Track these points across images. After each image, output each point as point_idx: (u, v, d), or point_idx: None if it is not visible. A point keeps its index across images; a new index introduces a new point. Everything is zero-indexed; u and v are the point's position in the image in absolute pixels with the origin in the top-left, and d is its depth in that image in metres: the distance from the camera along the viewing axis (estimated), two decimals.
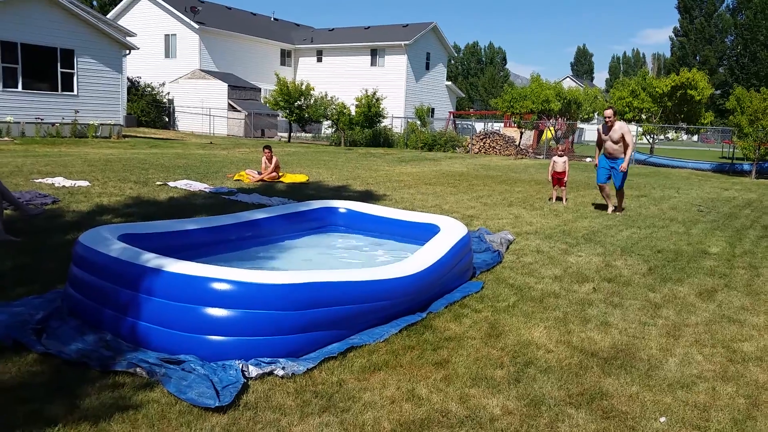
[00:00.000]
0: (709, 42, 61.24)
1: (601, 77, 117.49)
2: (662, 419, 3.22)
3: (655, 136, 28.19)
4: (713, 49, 60.77)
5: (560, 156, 11.23)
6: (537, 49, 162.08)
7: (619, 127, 9.60)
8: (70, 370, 3.36)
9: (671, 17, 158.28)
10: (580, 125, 36.79)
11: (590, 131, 45.44)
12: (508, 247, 7.08)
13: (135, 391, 3.18)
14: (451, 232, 5.51)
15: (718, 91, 53.61)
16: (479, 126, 41.22)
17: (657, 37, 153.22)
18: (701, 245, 7.83)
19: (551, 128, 30.02)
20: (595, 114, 31.59)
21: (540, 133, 32.13)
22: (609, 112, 9.68)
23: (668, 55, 69.59)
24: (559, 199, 11.33)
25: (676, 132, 28.45)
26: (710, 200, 12.91)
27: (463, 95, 55.58)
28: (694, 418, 3.25)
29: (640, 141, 27.87)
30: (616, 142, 9.64)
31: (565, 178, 11.19)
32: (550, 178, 11.35)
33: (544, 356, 3.95)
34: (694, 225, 9.40)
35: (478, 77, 73.12)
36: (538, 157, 27.45)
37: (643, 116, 27.49)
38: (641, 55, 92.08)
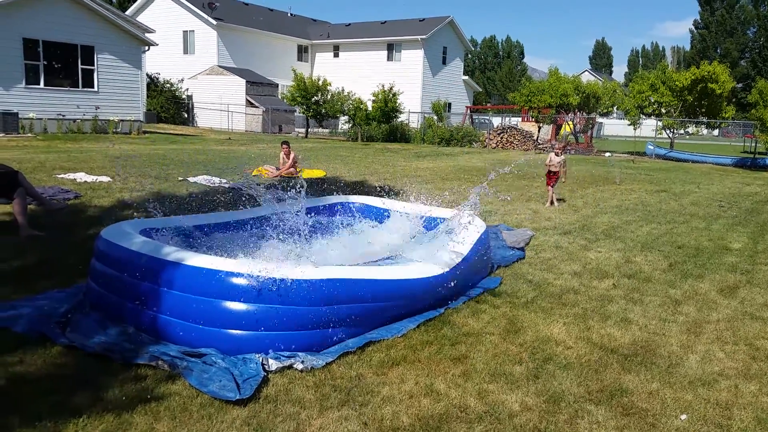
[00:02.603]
0: (730, 34, 60.24)
1: (620, 71, 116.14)
2: (683, 417, 3.19)
3: (675, 131, 27.82)
4: (735, 41, 59.77)
5: (557, 154, 10.26)
6: (555, 43, 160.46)
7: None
8: (94, 363, 3.42)
9: (691, 9, 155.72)
10: (599, 119, 36.43)
11: (609, 125, 44.99)
12: (527, 243, 7.04)
13: (157, 383, 3.23)
14: (469, 228, 5.48)
15: (740, 85, 52.70)
16: (496, 120, 40.95)
17: (677, 30, 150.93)
18: (722, 241, 7.73)
19: (570, 122, 29.77)
20: (615, 108, 31.24)
21: (558, 128, 31.85)
22: None
23: (688, 48, 68.64)
24: (552, 202, 10.10)
25: (696, 126, 27.96)
26: (731, 195, 12.72)
27: (480, 90, 55.30)
28: (716, 416, 3.22)
29: (659, 135, 27.48)
30: None
31: (562, 179, 10.24)
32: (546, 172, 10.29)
33: (564, 352, 3.93)
34: (715, 221, 9.28)
35: (496, 71, 72.68)
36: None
37: (663, 110, 27.13)
38: (660, 49, 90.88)
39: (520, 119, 35.61)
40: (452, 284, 4.60)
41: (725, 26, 60.53)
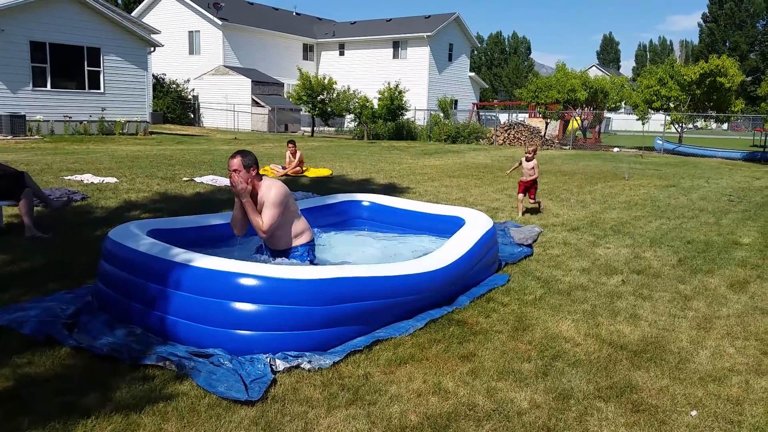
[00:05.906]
0: (739, 27, 59.74)
1: (627, 66, 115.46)
2: (693, 413, 3.16)
3: (684, 125, 27.66)
4: (744, 34, 59.27)
5: (529, 160, 8.77)
6: (562, 38, 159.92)
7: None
8: (102, 364, 3.42)
9: (700, 2, 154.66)
10: (607, 114, 36.24)
11: (617, 120, 44.74)
12: (535, 240, 7.01)
13: (165, 384, 3.23)
14: (476, 224, 5.47)
15: (749, 78, 52.21)
16: (503, 117, 40.82)
17: (685, 24, 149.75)
18: (732, 236, 7.67)
19: (577, 118, 29.65)
20: (623, 103, 31.10)
21: (566, 124, 31.74)
22: None
23: (696, 41, 68.17)
24: (529, 210, 8.94)
25: (705, 120, 27.81)
26: (741, 190, 12.63)
27: (487, 86, 55.12)
28: (727, 412, 3.19)
29: (668, 130, 27.31)
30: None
31: (536, 187, 8.88)
32: (509, 173, 9.84)
33: (573, 350, 3.90)
34: (725, 215, 9.21)
35: (502, 67, 72.40)
36: (564, 147, 27.13)
37: (671, 105, 26.98)
38: (668, 43, 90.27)
39: (527, 115, 35.51)
40: (460, 278, 4.57)
41: (734, 19, 60.01)
